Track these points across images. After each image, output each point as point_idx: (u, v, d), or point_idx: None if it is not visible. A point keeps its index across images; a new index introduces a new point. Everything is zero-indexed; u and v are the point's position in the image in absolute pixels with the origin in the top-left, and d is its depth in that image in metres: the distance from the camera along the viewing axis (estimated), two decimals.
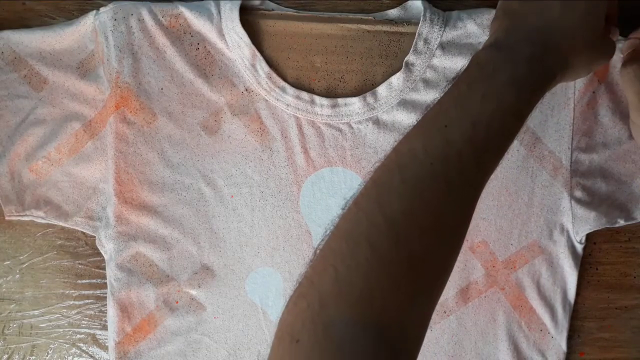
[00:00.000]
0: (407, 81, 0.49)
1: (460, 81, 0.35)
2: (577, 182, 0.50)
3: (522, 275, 0.51)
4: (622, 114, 0.50)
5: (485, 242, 0.51)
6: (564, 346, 0.52)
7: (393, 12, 0.50)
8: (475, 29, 0.49)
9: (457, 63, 0.49)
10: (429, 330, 0.51)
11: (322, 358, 0.27)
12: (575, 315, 0.53)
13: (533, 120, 0.50)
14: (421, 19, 0.48)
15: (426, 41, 0.49)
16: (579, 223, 0.50)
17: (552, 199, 0.51)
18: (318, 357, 0.27)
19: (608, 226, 0.51)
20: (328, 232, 0.31)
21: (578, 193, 0.50)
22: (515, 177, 0.51)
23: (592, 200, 0.50)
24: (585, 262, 0.53)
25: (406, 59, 0.49)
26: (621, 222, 0.51)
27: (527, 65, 0.34)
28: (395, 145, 0.33)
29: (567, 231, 0.51)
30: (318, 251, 0.31)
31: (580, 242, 0.51)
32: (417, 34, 0.48)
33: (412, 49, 0.49)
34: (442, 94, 0.35)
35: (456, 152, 0.31)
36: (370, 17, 0.50)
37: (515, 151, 0.51)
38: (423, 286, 0.31)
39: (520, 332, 0.52)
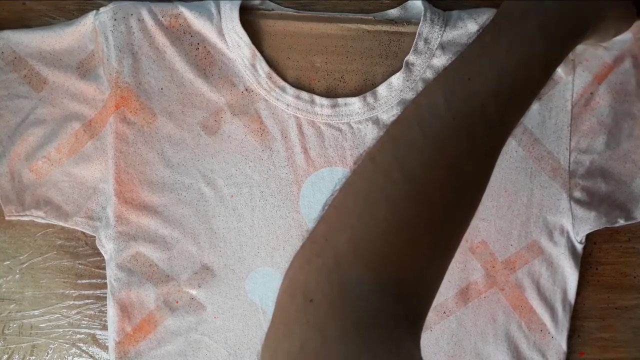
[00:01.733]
0: (407, 81, 0.49)
1: (485, 32, 0.32)
2: (576, 183, 0.50)
3: (522, 276, 0.51)
4: (623, 114, 0.50)
5: (484, 242, 0.51)
6: (564, 346, 0.52)
7: (393, 12, 0.50)
8: (475, 28, 0.49)
9: None
10: (428, 331, 0.52)
11: (337, 318, 0.26)
12: (575, 315, 0.53)
13: (531, 121, 0.50)
14: (421, 18, 0.48)
15: (426, 41, 0.49)
16: (579, 223, 0.50)
17: (551, 199, 0.51)
18: (333, 317, 0.26)
19: (608, 226, 0.51)
20: (337, 187, 0.30)
21: (577, 194, 0.50)
22: (514, 178, 0.51)
23: (591, 201, 0.50)
24: (585, 262, 0.53)
25: (406, 58, 0.49)
26: (621, 222, 0.51)
27: (558, 12, 0.32)
28: (414, 99, 0.31)
29: (567, 231, 0.51)
30: (330, 207, 0.30)
31: (580, 242, 0.51)
32: (417, 33, 0.48)
33: (412, 48, 0.49)
34: (464, 48, 0.32)
35: (480, 106, 0.29)
36: (370, 17, 0.50)
37: (514, 152, 0.51)
38: (440, 247, 0.30)
39: (520, 332, 0.52)
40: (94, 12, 0.48)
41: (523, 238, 0.51)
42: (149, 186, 0.50)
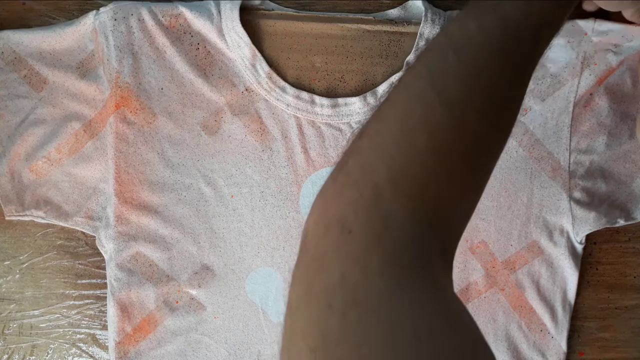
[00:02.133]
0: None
1: None
2: (576, 183, 0.50)
3: (522, 276, 0.51)
4: (622, 114, 0.50)
5: (485, 242, 0.51)
6: (564, 346, 0.52)
7: (393, 12, 0.50)
8: None
9: None
10: None
11: (378, 252, 0.25)
12: (575, 315, 0.53)
13: (533, 122, 0.50)
14: (422, 19, 0.48)
15: (427, 41, 0.48)
16: (579, 223, 0.50)
17: (551, 200, 0.51)
18: (374, 250, 0.25)
19: (608, 226, 0.51)
20: (365, 118, 0.29)
21: (577, 194, 0.50)
22: (515, 178, 0.51)
23: (591, 201, 0.50)
24: (585, 262, 0.53)
25: (407, 58, 0.49)
26: (621, 222, 0.51)
27: None
28: (442, 31, 0.29)
29: (567, 232, 0.51)
30: (362, 138, 0.28)
31: (580, 243, 0.51)
32: (418, 34, 0.48)
33: (413, 49, 0.49)
34: None
35: (515, 28, 0.29)
36: (370, 17, 0.50)
37: (514, 152, 0.51)
38: (474, 177, 0.29)
39: (520, 332, 0.52)
40: (94, 12, 0.48)
41: (523, 238, 0.51)
42: (149, 186, 0.50)
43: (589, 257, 0.53)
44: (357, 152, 0.28)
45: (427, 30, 0.48)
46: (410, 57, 0.49)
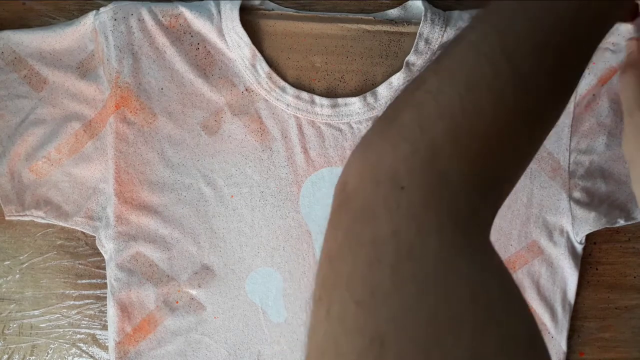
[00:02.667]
0: (408, 81, 0.49)
1: None
2: (576, 184, 0.50)
3: (522, 276, 0.51)
4: (622, 114, 0.50)
5: None
6: (564, 346, 0.52)
7: (393, 12, 0.50)
8: None
9: None
10: None
11: (434, 211, 0.25)
12: (575, 315, 0.53)
13: None
14: (422, 19, 0.48)
15: (427, 41, 0.49)
16: (579, 223, 0.50)
17: (551, 200, 0.51)
18: (429, 208, 0.25)
19: (608, 226, 0.51)
20: (421, 71, 0.28)
21: (577, 194, 0.50)
22: None
23: (591, 201, 0.50)
24: (585, 262, 0.53)
25: (407, 58, 0.49)
26: (621, 222, 0.51)
27: None
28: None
29: (567, 232, 0.51)
30: (419, 92, 0.27)
31: (580, 243, 0.51)
32: (418, 34, 0.48)
33: (413, 49, 0.49)
34: None
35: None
36: (370, 17, 0.50)
37: None
38: (530, 151, 0.29)
39: None
40: (94, 12, 0.48)
41: (523, 238, 0.51)
42: (149, 186, 0.50)
43: (589, 257, 0.53)
44: (414, 106, 0.27)
45: (427, 30, 0.48)
46: (411, 57, 0.49)
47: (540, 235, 0.51)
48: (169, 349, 0.51)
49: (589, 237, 0.51)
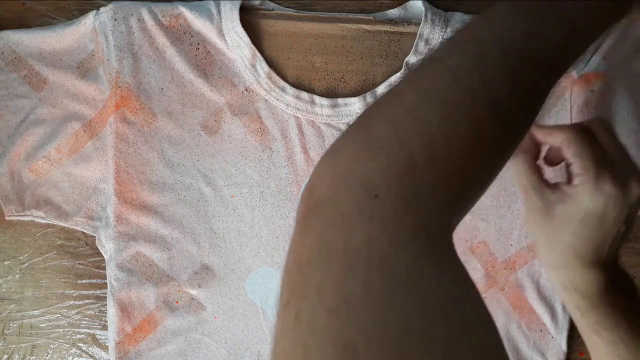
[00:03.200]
0: None
1: None
2: None
3: (521, 276, 0.51)
4: (623, 111, 0.50)
5: (484, 242, 0.51)
6: (564, 346, 0.52)
7: (393, 12, 0.50)
8: None
9: None
10: None
11: (407, 222, 0.25)
12: None
13: None
14: (422, 19, 0.48)
15: (427, 42, 0.49)
16: None
17: None
18: (403, 219, 0.25)
19: None
20: (397, 85, 0.29)
21: None
22: None
23: None
24: None
25: (407, 59, 0.49)
26: None
27: None
28: (489, 25, 0.30)
29: None
30: (396, 106, 0.28)
31: None
32: (418, 34, 0.48)
33: (413, 49, 0.49)
34: None
35: (572, 27, 0.30)
36: (370, 17, 0.49)
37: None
38: (501, 163, 0.30)
39: (520, 332, 0.52)
40: (94, 12, 0.48)
41: (523, 238, 0.51)
42: (149, 186, 0.50)
43: None
44: (389, 119, 0.28)
45: (427, 30, 0.48)
46: (411, 58, 0.49)
47: None
48: (169, 349, 0.51)
49: None
